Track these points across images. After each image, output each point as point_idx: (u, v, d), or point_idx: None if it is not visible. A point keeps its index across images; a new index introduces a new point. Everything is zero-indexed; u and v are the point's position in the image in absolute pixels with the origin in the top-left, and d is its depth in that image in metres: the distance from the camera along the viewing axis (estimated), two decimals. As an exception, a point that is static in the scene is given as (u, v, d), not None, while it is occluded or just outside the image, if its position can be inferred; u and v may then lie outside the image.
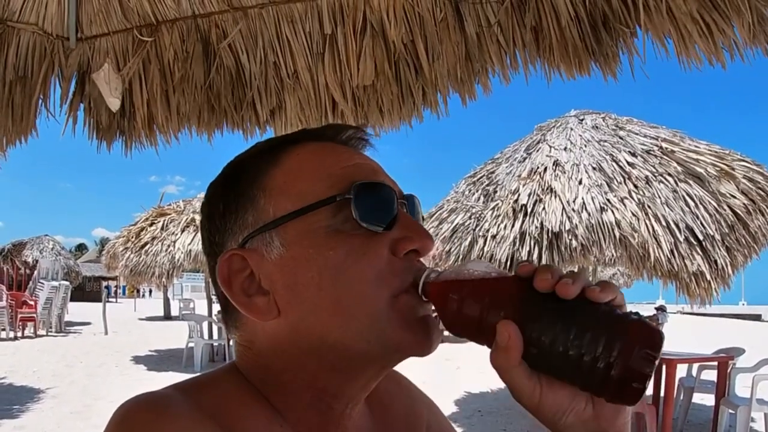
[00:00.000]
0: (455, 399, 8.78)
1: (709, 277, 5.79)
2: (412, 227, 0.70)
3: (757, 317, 53.56)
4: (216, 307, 16.50)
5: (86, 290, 42.88)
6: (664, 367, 6.65)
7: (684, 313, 48.89)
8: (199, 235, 11.95)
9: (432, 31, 2.54)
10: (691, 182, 6.42)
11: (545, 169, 6.92)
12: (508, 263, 6.23)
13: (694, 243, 5.91)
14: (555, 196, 6.37)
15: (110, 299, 21.86)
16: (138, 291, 45.33)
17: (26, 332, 16.84)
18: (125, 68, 2.62)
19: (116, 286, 49.60)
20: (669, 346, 14.59)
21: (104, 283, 45.44)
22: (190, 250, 11.77)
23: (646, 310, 21.36)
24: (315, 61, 2.66)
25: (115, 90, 2.60)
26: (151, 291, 54.52)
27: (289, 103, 2.78)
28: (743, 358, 7.49)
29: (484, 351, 0.60)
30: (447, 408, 8.08)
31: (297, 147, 0.74)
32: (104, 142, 2.91)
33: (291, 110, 2.80)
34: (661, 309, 18.92)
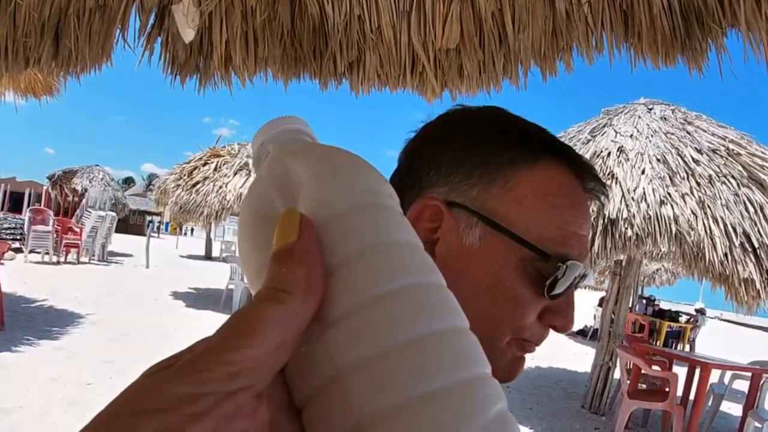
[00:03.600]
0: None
1: (759, 286, 5.67)
2: (569, 307, 0.69)
3: None
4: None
5: (130, 223, 43.78)
6: (698, 370, 6.58)
7: (722, 320, 47.90)
8: (252, 178, 12.22)
9: (522, 2, 2.50)
10: (753, 188, 6.24)
11: (609, 153, 6.77)
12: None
13: (749, 249, 5.78)
14: (616, 183, 6.26)
15: (153, 234, 22.30)
16: (180, 228, 46.21)
17: (69, 258, 17.11)
18: (205, 2, 2.63)
19: (160, 222, 50.62)
20: (704, 350, 14.40)
21: (148, 218, 46.48)
22: (241, 194, 11.87)
23: (685, 310, 21.03)
24: (400, 19, 2.64)
25: (192, 21, 2.61)
26: (192, 230, 55.46)
27: (369, 58, 2.78)
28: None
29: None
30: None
31: (555, 164, 0.69)
32: (178, 78, 2.95)
33: (370, 65, 2.80)
34: (700, 311, 18.56)
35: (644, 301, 17.14)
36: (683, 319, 17.43)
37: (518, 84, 2.76)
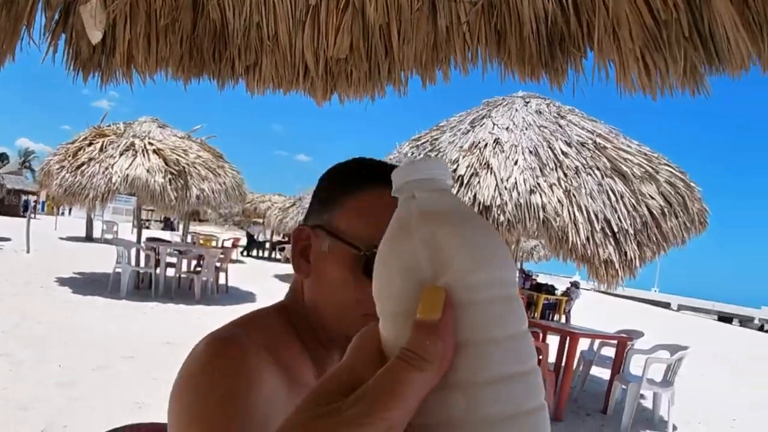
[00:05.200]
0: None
1: (617, 266, 6.36)
2: None
3: (666, 305, 57.09)
4: (145, 233, 16.36)
5: (5, 204, 40.91)
6: (568, 339, 7.27)
7: (598, 291, 51.15)
8: (137, 159, 11.96)
9: (407, 17, 2.76)
10: (616, 178, 6.92)
11: (486, 145, 7.26)
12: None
13: (609, 234, 6.45)
14: (491, 172, 6.75)
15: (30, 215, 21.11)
16: (58, 208, 43.67)
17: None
18: (112, 5, 2.73)
19: (36, 201, 47.54)
20: (578, 320, 15.45)
21: (23, 197, 43.72)
22: (127, 175, 11.56)
23: (562, 283, 22.33)
24: (296, 28, 2.83)
25: (99, 23, 2.68)
26: (71, 209, 52.53)
27: (265, 63, 2.97)
28: (642, 340, 8.14)
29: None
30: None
31: (371, 190, 1.02)
32: (81, 74, 3.03)
33: (266, 69, 2.99)
34: (574, 285, 19.86)
35: (523, 276, 18.17)
36: (559, 291, 18.67)
37: (401, 90, 3.07)
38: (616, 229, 6.47)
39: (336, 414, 0.37)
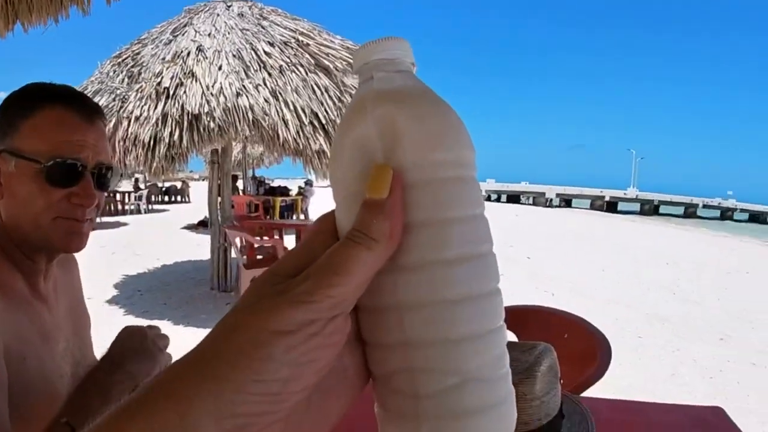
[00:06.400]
0: (114, 283, 8.91)
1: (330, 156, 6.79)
2: (83, 188, 1.16)
3: None
4: None
5: None
6: (300, 232, 7.67)
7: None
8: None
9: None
10: (320, 73, 7.24)
11: (189, 53, 7.16)
12: (152, 142, 6.55)
13: (318, 126, 6.82)
14: (196, 81, 6.70)
15: None
16: None
17: None
18: None
19: None
20: (316, 213, 16.09)
21: None
22: None
23: (294, 184, 22.56)
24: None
25: None
26: None
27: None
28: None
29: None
30: (107, 292, 8.22)
31: (46, 109, 1.16)
32: None
33: None
34: (308, 183, 20.38)
35: (256, 183, 18.35)
36: (294, 192, 19.13)
37: (84, 10, 2.97)
38: (324, 121, 6.84)
39: (283, 292, 0.37)
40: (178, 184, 33.65)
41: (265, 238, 7.54)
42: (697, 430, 1.59)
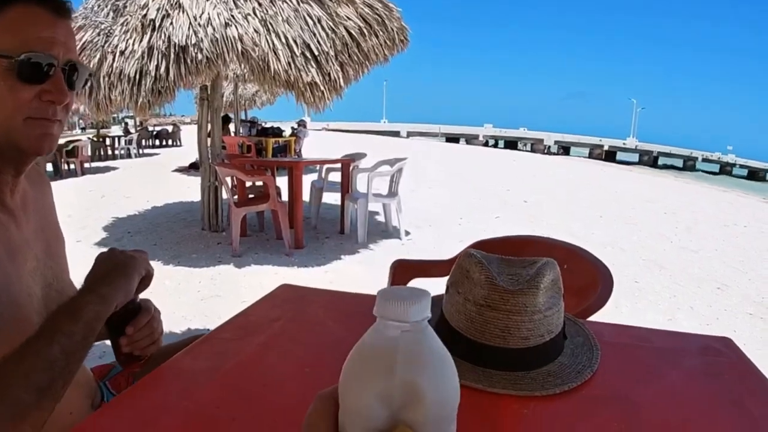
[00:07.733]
0: (103, 225, 8.78)
1: (322, 88, 6.56)
2: (54, 85, 1.11)
3: (396, 134, 62.71)
4: None
5: None
6: (292, 170, 7.50)
7: (329, 130, 54.04)
8: None
9: None
10: (312, 3, 6.89)
11: (175, -18, 6.81)
12: (137, 77, 6.30)
13: (310, 58, 6.55)
14: (182, 11, 6.36)
15: None
16: None
17: None
18: None
19: None
20: (309, 155, 15.96)
21: None
22: None
23: (288, 126, 22.10)
24: None
25: None
26: None
27: None
28: (365, 161, 8.63)
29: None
30: (97, 234, 8.10)
31: (20, 5, 1.08)
32: None
33: None
34: (301, 124, 20.05)
35: (248, 124, 17.95)
36: (287, 133, 18.79)
37: None
38: (316, 53, 6.57)
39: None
40: (170, 128, 33.32)
41: (257, 176, 7.36)
42: (705, 358, 1.46)
